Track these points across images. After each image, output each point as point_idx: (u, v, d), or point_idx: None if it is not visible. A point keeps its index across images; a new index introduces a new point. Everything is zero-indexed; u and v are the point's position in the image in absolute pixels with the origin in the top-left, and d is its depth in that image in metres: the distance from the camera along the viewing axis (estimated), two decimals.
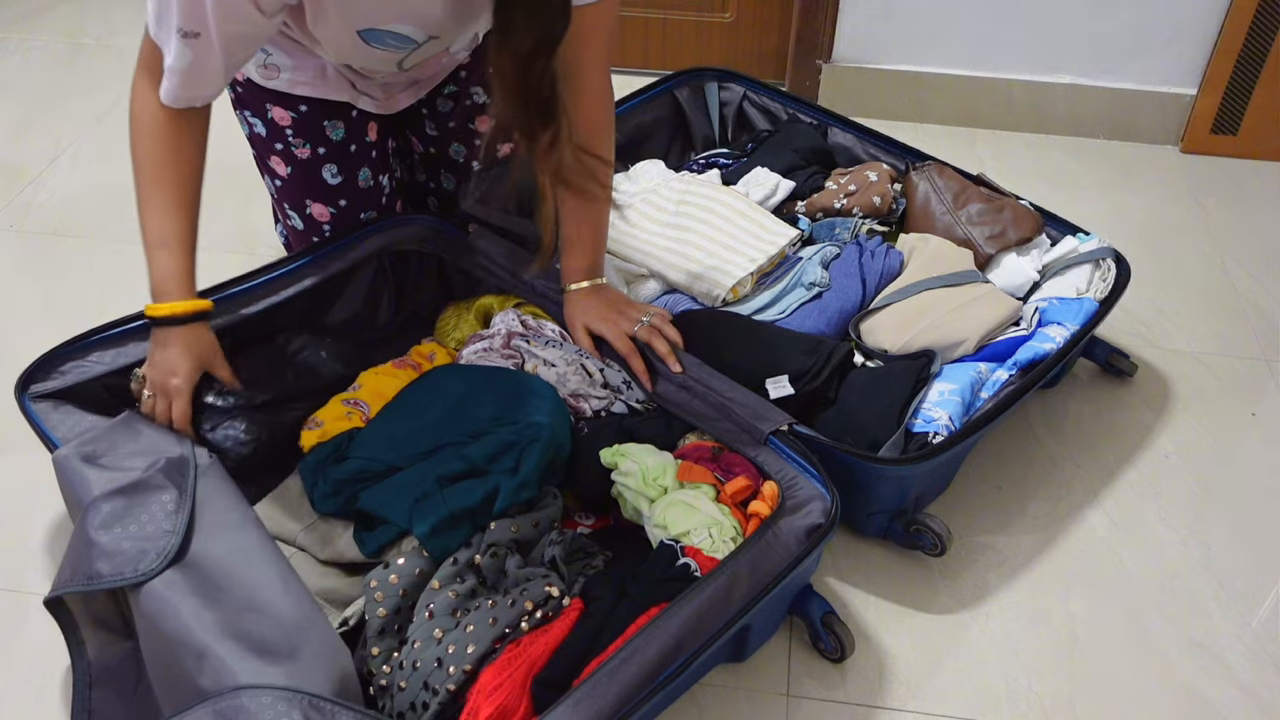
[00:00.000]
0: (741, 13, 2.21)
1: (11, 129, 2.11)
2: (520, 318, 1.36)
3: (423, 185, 1.56)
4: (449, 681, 0.98)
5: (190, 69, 1.05)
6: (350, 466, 1.17)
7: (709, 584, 1.01)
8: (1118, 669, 1.19)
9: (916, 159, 1.64)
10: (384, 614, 1.05)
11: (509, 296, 1.42)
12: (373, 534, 1.13)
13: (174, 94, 1.08)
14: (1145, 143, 2.12)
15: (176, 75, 1.06)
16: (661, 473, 1.15)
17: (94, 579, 0.97)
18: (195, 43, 1.03)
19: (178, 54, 1.04)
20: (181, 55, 1.04)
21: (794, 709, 1.14)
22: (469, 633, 1.01)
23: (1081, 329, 1.35)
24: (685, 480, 1.15)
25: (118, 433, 1.14)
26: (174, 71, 1.06)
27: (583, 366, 1.28)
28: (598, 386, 1.28)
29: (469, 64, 1.41)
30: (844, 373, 1.32)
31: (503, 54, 1.00)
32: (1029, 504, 1.38)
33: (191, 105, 1.11)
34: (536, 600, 1.03)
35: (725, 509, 1.12)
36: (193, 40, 1.03)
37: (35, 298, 1.70)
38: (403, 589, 1.06)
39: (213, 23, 1.01)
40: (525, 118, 1.05)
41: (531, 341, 1.32)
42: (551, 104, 1.05)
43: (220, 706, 0.87)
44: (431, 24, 1.15)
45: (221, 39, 1.03)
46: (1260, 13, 1.91)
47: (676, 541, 1.09)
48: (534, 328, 1.35)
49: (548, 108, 1.05)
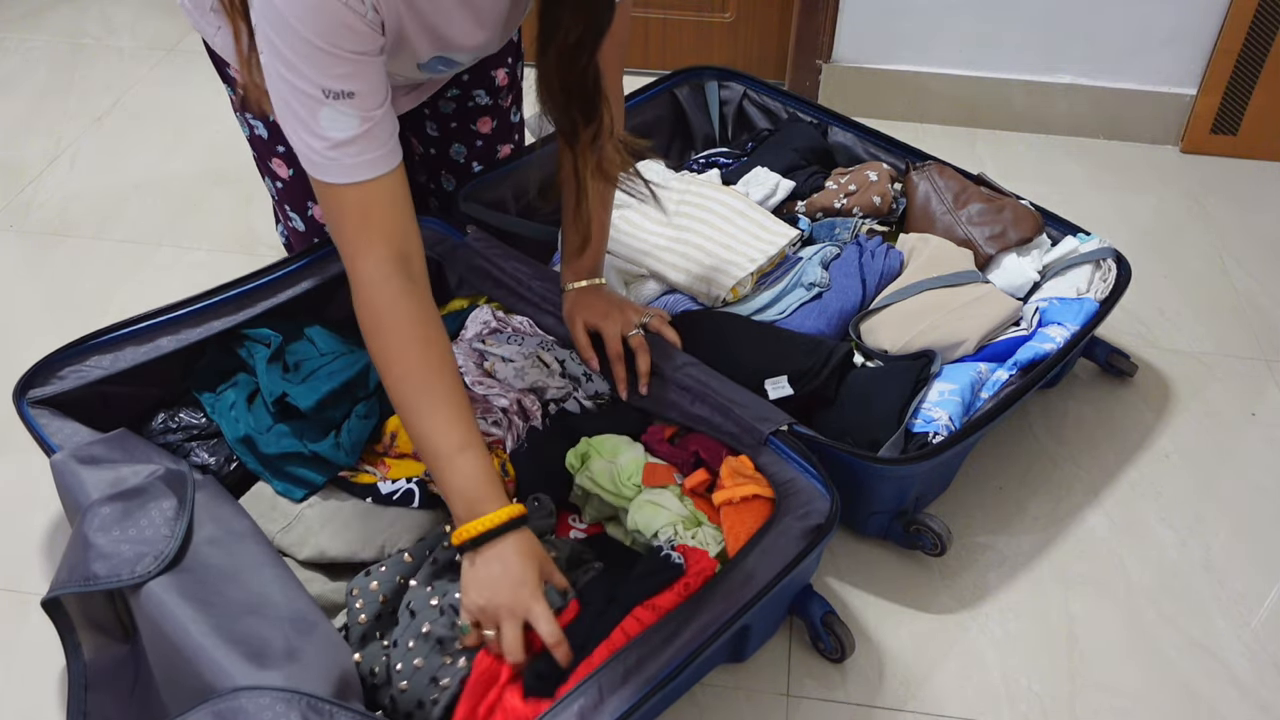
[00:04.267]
0: (741, 13, 2.21)
1: (11, 129, 2.11)
2: (493, 312, 1.37)
3: (423, 186, 1.56)
4: (440, 696, 0.98)
5: (362, 128, 0.94)
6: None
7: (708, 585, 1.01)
8: (1118, 669, 1.19)
9: (916, 159, 1.64)
10: (364, 620, 1.04)
11: (476, 295, 1.43)
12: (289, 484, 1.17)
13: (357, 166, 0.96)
14: (1145, 143, 2.12)
15: (355, 143, 0.94)
16: (636, 469, 1.16)
17: (91, 580, 0.97)
18: (351, 101, 0.93)
19: (342, 124, 0.93)
20: (345, 122, 0.93)
21: (794, 709, 1.14)
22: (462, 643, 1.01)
23: (1082, 329, 1.35)
24: (649, 485, 1.16)
25: (114, 444, 1.14)
26: (350, 142, 0.94)
27: (539, 358, 1.29)
28: (556, 376, 1.29)
29: (472, 68, 1.41)
30: (844, 373, 1.32)
31: (548, 52, 0.99)
32: (1029, 504, 1.38)
33: (377, 173, 0.97)
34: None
35: (689, 502, 1.14)
36: (348, 100, 0.93)
37: (35, 298, 1.70)
38: (383, 595, 1.06)
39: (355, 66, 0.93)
40: (568, 116, 1.05)
41: (488, 340, 1.32)
42: (595, 99, 1.04)
43: (219, 708, 0.87)
44: (484, 47, 1.14)
45: (375, 76, 0.95)
46: (1260, 13, 1.91)
47: (655, 538, 1.10)
48: (504, 320, 1.36)
49: (591, 103, 1.04)
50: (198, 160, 2.03)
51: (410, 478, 1.17)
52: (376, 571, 1.07)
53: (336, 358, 1.26)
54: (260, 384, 1.23)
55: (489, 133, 1.49)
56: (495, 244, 1.43)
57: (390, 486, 1.16)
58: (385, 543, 1.14)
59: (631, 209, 1.55)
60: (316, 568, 1.14)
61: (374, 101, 0.96)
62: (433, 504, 1.17)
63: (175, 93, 2.25)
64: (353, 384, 1.21)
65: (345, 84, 0.93)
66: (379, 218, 0.99)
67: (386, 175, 0.98)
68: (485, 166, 1.51)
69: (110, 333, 1.24)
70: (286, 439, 1.18)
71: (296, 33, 0.90)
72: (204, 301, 1.29)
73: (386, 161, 0.98)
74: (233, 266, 1.73)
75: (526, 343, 1.32)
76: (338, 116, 0.93)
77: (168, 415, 1.25)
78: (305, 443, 1.17)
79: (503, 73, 1.44)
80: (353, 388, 1.21)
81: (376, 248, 0.99)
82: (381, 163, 0.98)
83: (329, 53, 0.91)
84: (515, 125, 1.53)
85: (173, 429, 1.24)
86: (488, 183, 1.51)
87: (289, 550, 1.14)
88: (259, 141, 1.36)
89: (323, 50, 0.91)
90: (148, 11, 2.54)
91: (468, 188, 1.49)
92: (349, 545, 1.13)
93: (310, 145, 0.95)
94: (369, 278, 0.99)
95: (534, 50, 1.01)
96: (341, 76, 0.92)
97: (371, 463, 1.20)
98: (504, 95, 1.46)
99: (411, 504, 1.16)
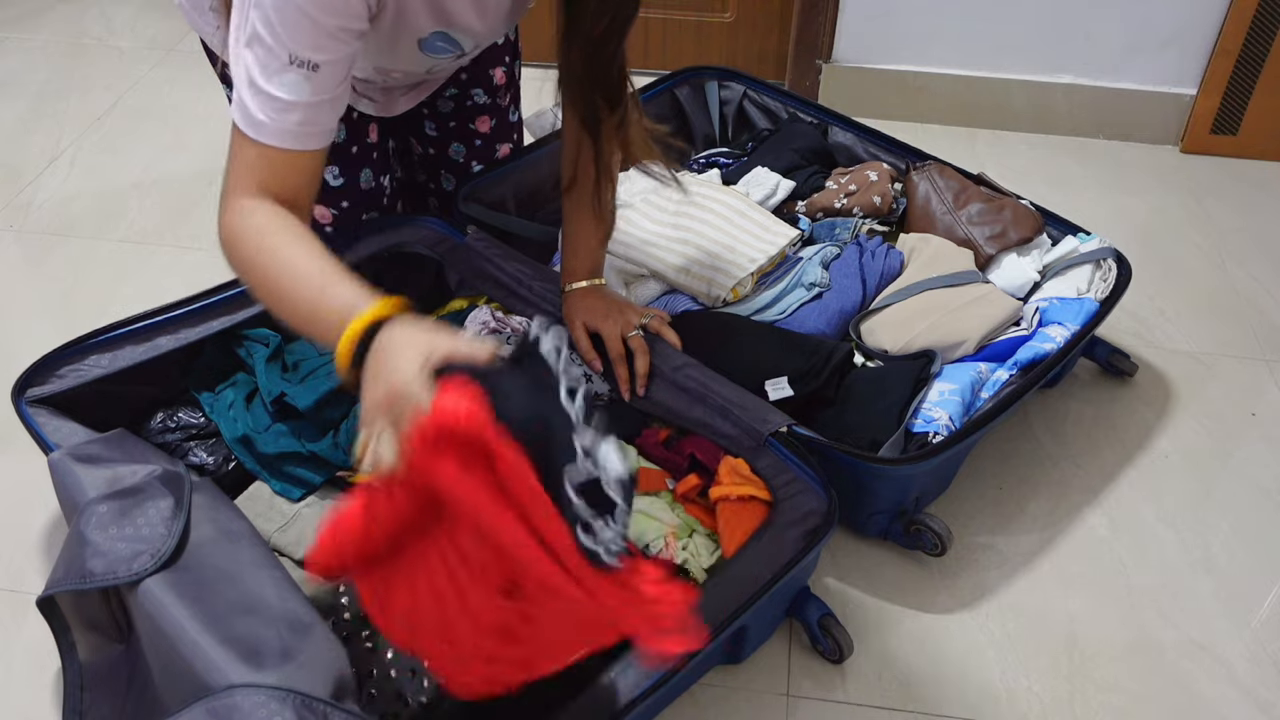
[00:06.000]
0: (741, 13, 2.21)
1: (11, 129, 2.11)
2: (492, 313, 1.37)
3: (422, 185, 1.56)
4: (422, 694, 0.97)
5: (311, 100, 0.93)
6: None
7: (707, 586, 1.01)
8: (1118, 669, 1.19)
9: (917, 159, 1.64)
10: (349, 618, 1.04)
11: (477, 296, 1.42)
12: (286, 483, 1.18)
13: (286, 130, 0.93)
14: (1145, 143, 2.12)
15: (297, 110, 0.92)
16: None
17: (87, 578, 0.97)
18: (313, 74, 0.92)
19: (293, 87, 0.92)
20: (298, 87, 0.92)
21: (793, 709, 1.14)
22: None
23: (1082, 329, 1.35)
24: (639, 490, 1.16)
25: (112, 444, 1.13)
26: (293, 106, 0.92)
27: None
28: None
29: (470, 66, 1.41)
30: (844, 373, 1.32)
31: (572, 44, 1.00)
32: (1029, 504, 1.38)
33: (305, 148, 0.95)
34: None
35: (681, 509, 1.14)
36: (310, 71, 0.92)
37: (35, 298, 1.70)
38: None
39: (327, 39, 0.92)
40: (592, 104, 1.06)
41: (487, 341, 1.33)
42: (620, 86, 1.06)
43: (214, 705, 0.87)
44: (484, 33, 1.14)
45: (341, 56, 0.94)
46: (1260, 13, 1.91)
47: (647, 550, 1.10)
48: (503, 320, 1.36)
49: (617, 90, 1.06)
50: (198, 160, 2.03)
51: None
52: None
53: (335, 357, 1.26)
54: (259, 383, 1.23)
55: (488, 132, 1.49)
56: (495, 244, 1.42)
57: None
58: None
59: (633, 209, 1.55)
60: None
61: (333, 81, 0.94)
62: None
63: (175, 93, 2.25)
64: None
65: (315, 55, 0.91)
66: (286, 184, 0.94)
67: (317, 151, 0.96)
68: (484, 166, 1.51)
69: (109, 332, 1.24)
70: (285, 438, 1.18)
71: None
72: (203, 301, 1.29)
73: (320, 140, 0.96)
74: None
75: None
76: (299, 82, 0.91)
77: (166, 414, 1.25)
78: (303, 442, 1.17)
79: (501, 72, 1.44)
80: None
81: (260, 192, 0.94)
82: (315, 139, 0.95)
83: (314, 20, 0.90)
84: (514, 124, 1.53)
85: (171, 428, 1.24)
86: (487, 183, 1.51)
87: (285, 549, 1.14)
88: None
89: (308, 16, 0.89)
90: (148, 11, 2.54)
91: (467, 188, 1.49)
92: None
93: (257, 103, 0.92)
94: (240, 205, 0.93)
95: (556, 40, 1.01)
96: (315, 47, 0.91)
97: None
98: (502, 94, 1.46)
99: None
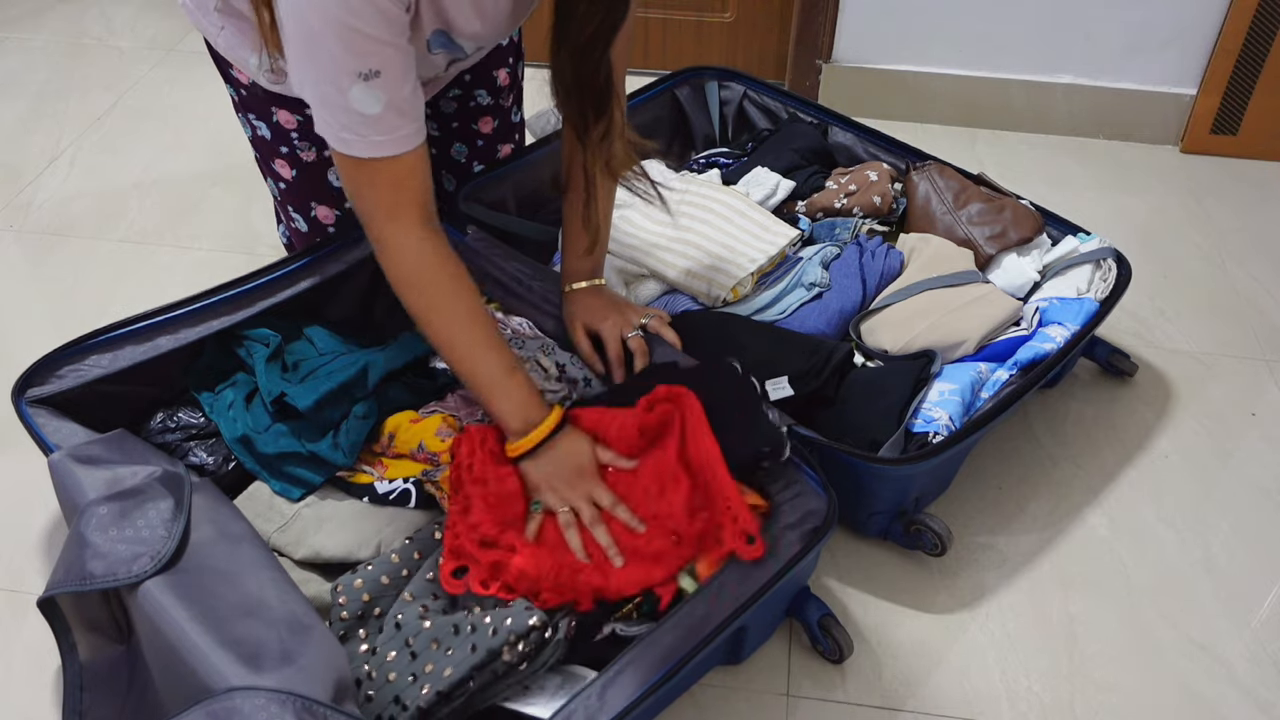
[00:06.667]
0: (741, 13, 2.21)
1: (11, 129, 2.11)
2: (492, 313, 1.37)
3: None
4: (420, 700, 0.97)
5: (389, 105, 0.97)
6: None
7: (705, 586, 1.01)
8: (1117, 669, 1.19)
9: (917, 159, 1.64)
10: (346, 617, 1.04)
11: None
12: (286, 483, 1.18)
13: (383, 141, 0.99)
14: (1145, 143, 2.12)
15: (380, 119, 0.97)
16: None
17: (87, 579, 0.97)
18: (379, 81, 0.95)
19: (369, 101, 0.96)
20: (372, 100, 0.96)
21: (793, 709, 1.14)
22: (449, 655, 0.99)
23: (1082, 329, 1.35)
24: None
25: (112, 444, 1.13)
26: (376, 119, 0.97)
27: (537, 362, 1.28)
28: (553, 380, 1.28)
29: (473, 67, 1.41)
30: (844, 373, 1.32)
31: (561, 46, 1.01)
32: (1029, 504, 1.38)
33: (400, 150, 1.00)
34: (519, 633, 0.99)
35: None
36: (375, 80, 0.95)
37: (35, 298, 1.70)
38: (367, 594, 1.05)
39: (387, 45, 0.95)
40: (580, 111, 1.07)
41: None
42: (606, 95, 1.06)
43: (213, 708, 0.87)
44: (482, 37, 1.14)
45: (402, 54, 0.97)
46: (1260, 13, 1.91)
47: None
48: (503, 321, 1.36)
49: (602, 99, 1.06)
50: (198, 160, 2.03)
51: (407, 478, 1.17)
52: (363, 571, 1.07)
53: (335, 358, 1.26)
54: (259, 383, 1.23)
55: (490, 132, 1.49)
56: (496, 244, 1.42)
57: (387, 486, 1.16)
58: (381, 543, 1.14)
59: (633, 209, 1.55)
60: (313, 569, 1.14)
61: (400, 82, 0.98)
62: (429, 504, 1.17)
63: (175, 93, 2.25)
64: (351, 384, 1.21)
65: (373, 63, 0.95)
66: (410, 187, 1.04)
67: (418, 149, 1.02)
68: (486, 166, 1.51)
69: (109, 332, 1.24)
70: (284, 439, 1.18)
71: (329, 13, 0.91)
72: (203, 301, 1.29)
73: (416, 137, 1.02)
74: (233, 266, 1.73)
75: (527, 345, 1.31)
76: (366, 94, 0.96)
77: (166, 414, 1.25)
78: (303, 442, 1.17)
79: (504, 73, 1.44)
80: (351, 388, 1.21)
81: (409, 212, 1.04)
82: (413, 138, 1.01)
83: (362, 33, 0.93)
84: (516, 125, 1.53)
85: (171, 428, 1.24)
86: (488, 183, 1.51)
87: (285, 550, 1.14)
88: (261, 142, 1.35)
89: (355, 30, 0.93)
90: (148, 11, 2.54)
91: (468, 188, 1.49)
92: (345, 545, 1.13)
93: (341, 122, 0.97)
94: (402, 243, 1.05)
95: (548, 44, 1.02)
96: (369, 55, 0.94)
97: (369, 463, 1.20)
98: (505, 95, 1.46)
99: (408, 504, 1.16)
